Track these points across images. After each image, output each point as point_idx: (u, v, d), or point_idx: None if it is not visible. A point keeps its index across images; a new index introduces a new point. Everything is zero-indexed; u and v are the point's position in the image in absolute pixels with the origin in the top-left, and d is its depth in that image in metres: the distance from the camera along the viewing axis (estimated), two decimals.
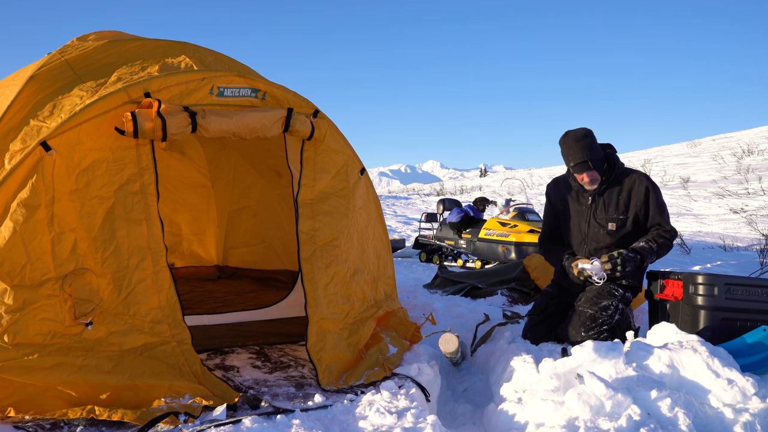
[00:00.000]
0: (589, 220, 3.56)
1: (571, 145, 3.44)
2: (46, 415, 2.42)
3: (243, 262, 5.75)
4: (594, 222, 3.55)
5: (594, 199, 3.56)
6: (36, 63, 3.21)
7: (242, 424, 2.38)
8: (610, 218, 3.50)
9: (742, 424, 2.39)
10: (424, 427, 2.41)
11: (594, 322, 3.36)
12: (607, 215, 3.51)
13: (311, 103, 3.29)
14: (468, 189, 26.85)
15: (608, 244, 3.51)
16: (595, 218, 3.54)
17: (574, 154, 3.43)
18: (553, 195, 3.81)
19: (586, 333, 3.35)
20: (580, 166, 3.44)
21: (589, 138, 3.45)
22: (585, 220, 3.59)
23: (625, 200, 3.49)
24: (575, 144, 3.43)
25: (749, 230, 9.32)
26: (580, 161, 3.41)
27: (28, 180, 2.51)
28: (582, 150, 3.41)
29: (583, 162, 3.41)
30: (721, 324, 3.16)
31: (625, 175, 3.55)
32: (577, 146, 3.42)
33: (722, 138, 30.55)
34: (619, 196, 3.51)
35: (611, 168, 3.53)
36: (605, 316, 3.37)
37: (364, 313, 3.45)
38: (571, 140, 3.45)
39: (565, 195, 3.71)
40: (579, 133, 3.47)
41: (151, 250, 2.76)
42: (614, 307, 3.40)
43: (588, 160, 3.40)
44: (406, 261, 9.78)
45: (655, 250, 3.39)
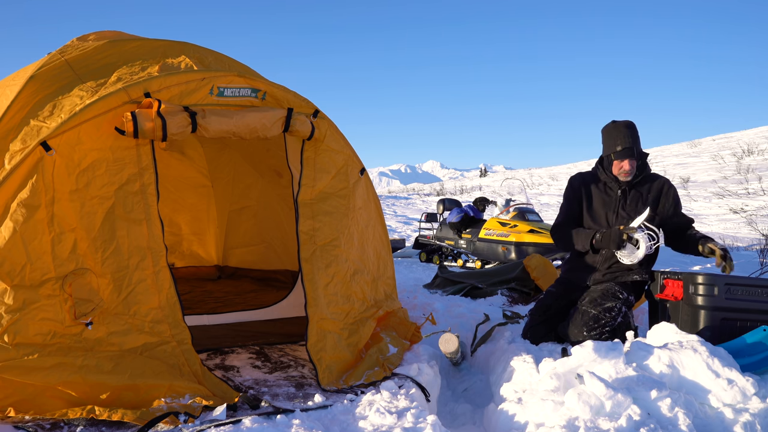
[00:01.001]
0: (618, 211, 3.58)
1: (621, 130, 3.50)
2: (46, 415, 2.41)
3: (243, 262, 5.75)
4: (623, 213, 3.57)
5: (624, 192, 3.59)
6: (36, 63, 3.21)
7: (242, 424, 2.38)
8: (639, 212, 3.51)
9: (742, 424, 2.39)
10: (424, 427, 2.41)
11: (597, 322, 3.35)
12: (635, 208, 3.55)
13: (311, 103, 3.29)
14: (468, 189, 26.85)
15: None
16: (624, 209, 3.57)
17: (624, 138, 3.48)
18: (576, 185, 3.76)
19: (588, 333, 3.34)
20: (626, 151, 3.46)
21: (636, 129, 3.53)
22: (613, 211, 3.60)
23: (654, 199, 3.56)
24: (625, 129, 3.50)
25: (749, 230, 9.32)
26: (628, 146, 3.46)
27: (28, 180, 2.50)
28: (631, 136, 3.48)
29: (629, 147, 3.45)
30: (721, 324, 3.16)
31: (654, 177, 3.65)
32: (627, 132, 3.49)
33: (722, 138, 30.55)
34: (648, 194, 3.58)
35: (644, 166, 3.60)
36: (608, 317, 3.37)
37: (364, 313, 3.45)
38: (621, 125, 3.52)
39: (591, 186, 3.72)
40: (627, 122, 3.55)
41: (151, 250, 2.76)
42: (617, 309, 3.40)
43: (634, 146, 3.46)
44: (406, 261, 9.78)
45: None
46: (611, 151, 3.52)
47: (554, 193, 20.30)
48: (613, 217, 3.60)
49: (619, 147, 3.47)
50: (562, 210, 3.83)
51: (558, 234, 3.79)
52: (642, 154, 3.56)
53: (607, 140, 3.56)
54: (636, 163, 3.51)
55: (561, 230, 3.76)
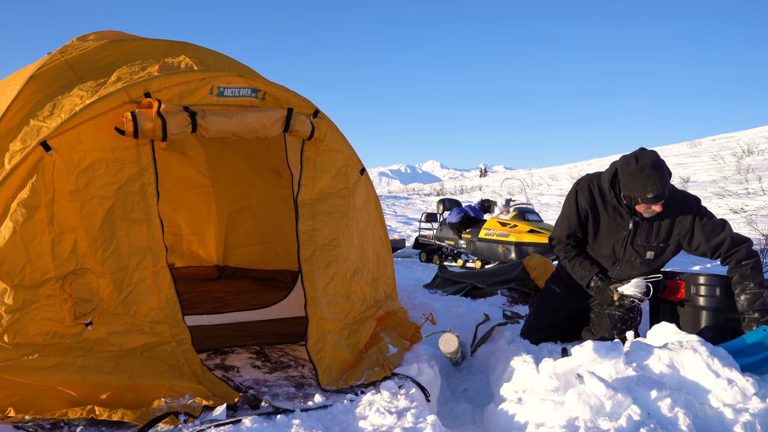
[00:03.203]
0: (626, 246, 3.30)
1: (650, 173, 3.00)
2: (46, 415, 2.41)
3: (243, 262, 5.75)
4: (631, 249, 3.29)
5: (636, 225, 3.26)
6: (36, 63, 3.21)
7: (242, 424, 2.38)
8: (650, 246, 3.27)
9: (742, 424, 2.39)
10: (424, 427, 2.41)
11: (624, 323, 3.36)
12: (647, 243, 3.27)
13: (311, 103, 3.29)
14: (468, 189, 26.85)
15: (642, 273, 3.35)
16: (632, 245, 3.29)
17: (654, 184, 3.00)
18: (583, 203, 3.37)
19: (618, 336, 3.32)
20: (658, 198, 3.03)
21: (662, 162, 3.08)
22: (621, 244, 3.31)
23: (668, 227, 3.24)
24: (654, 173, 3.00)
25: (749, 230, 9.32)
26: (660, 192, 3.01)
27: (28, 180, 2.50)
28: (661, 179, 3.01)
29: (662, 194, 3.02)
30: (722, 324, 3.16)
31: (676, 199, 3.22)
32: (657, 175, 3.01)
33: (722, 138, 30.55)
34: (662, 223, 3.23)
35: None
36: (631, 318, 3.38)
37: (364, 313, 3.45)
38: (648, 168, 3.01)
39: (599, 208, 3.35)
40: (652, 157, 3.05)
41: (151, 250, 2.76)
42: (636, 309, 3.41)
43: (665, 189, 3.03)
44: (406, 261, 9.78)
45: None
46: (639, 195, 3.05)
47: (554, 193, 20.31)
48: (621, 250, 3.31)
49: (651, 195, 3.02)
50: (564, 220, 3.48)
51: (557, 249, 3.58)
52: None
53: (633, 183, 3.06)
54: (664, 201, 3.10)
55: (562, 248, 3.54)
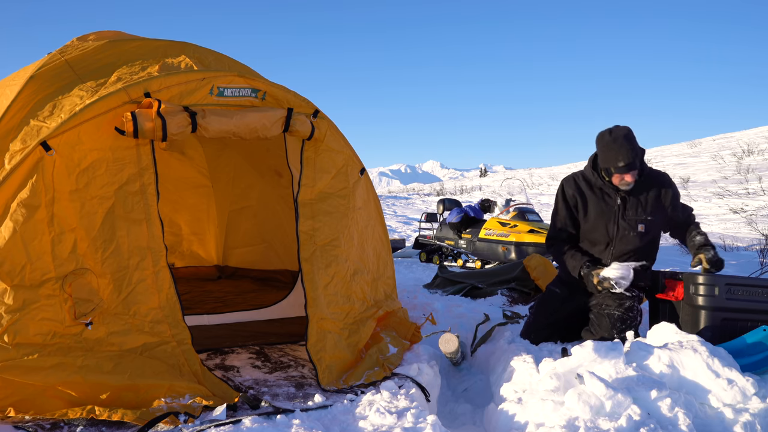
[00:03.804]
0: (618, 221, 3.42)
1: (622, 144, 3.25)
2: (46, 415, 2.41)
3: (243, 262, 5.75)
4: (623, 223, 3.41)
5: (624, 200, 3.42)
6: (36, 63, 3.21)
7: (242, 424, 2.38)
8: (639, 219, 3.39)
9: (742, 424, 2.39)
10: (424, 427, 2.41)
11: (623, 323, 3.35)
12: (636, 216, 3.40)
13: (311, 103, 3.29)
14: (468, 189, 26.85)
15: (636, 247, 3.41)
16: (624, 219, 3.41)
17: (625, 153, 3.23)
18: (570, 193, 3.57)
19: (618, 335, 3.31)
20: (629, 166, 3.25)
21: (634, 137, 3.31)
22: (613, 221, 3.43)
23: (654, 199, 3.41)
24: (626, 143, 3.25)
25: (749, 230, 9.32)
26: (630, 161, 3.24)
27: (28, 180, 2.50)
28: (632, 149, 3.24)
29: (632, 162, 3.24)
30: (721, 324, 3.16)
31: (652, 176, 3.46)
32: (628, 145, 3.24)
33: (722, 138, 30.54)
34: (648, 195, 3.41)
35: (642, 168, 3.41)
36: (630, 317, 3.36)
37: (364, 313, 3.45)
38: (621, 138, 3.26)
39: (586, 194, 3.51)
40: (624, 130, 3.30)
41: (151, 250, 2.76)
42: (636, 309, 3.40)
43: (636, 159, 3.26)
44: (406, 261, 9.78)
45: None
46: (612, 165, 3.29)
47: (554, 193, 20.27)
48: (614, 228, 3.43)
49: (622, 163, 3.24)
50: (555, 218, 3.67)
51: (552, 249, 3.71)
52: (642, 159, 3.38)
53: (606, 153, 3.31)
54: (636, 171, 3.33)
55: (555, 245, 3.67)
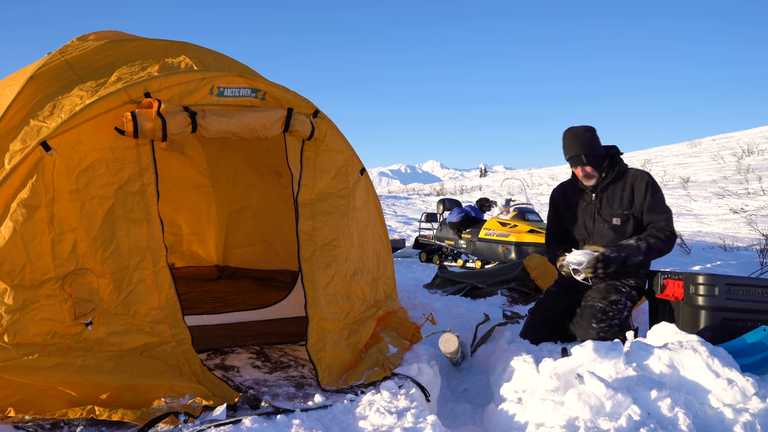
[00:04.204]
0: (594, 216, 3.60)
1: (568, 139, 3.55)
2: (46, 415, 2.41)
3: (243, 262, 5.75)
4: (599, 217, 3.58)
5: (597, 195, 3.60)
6: (36, 63, 3.21)
7: (242, 424, 2.38)
8: (614, 213, 3.53)
9: (742, 424, 2.39)
10: (424, 427, 2.41)
11: (605, 314, 3.35)
12: (611, 210, 3.55)
13: (311, 103, 3.29)
14: (468, 189, 26.84)
15: (613, 239, 3.52)
16: (599, 214, 3.58)
17: (570, 147, 3.54)
18: (558, 198, 3.86)
19: (597, 325, 3.31)
20: (574, 159, 3.54)
21: (589, 134, 3.51)
22: (590, 216, 3.63)
23: (629, 196, 3.52)
24: (571, 138, 3.53)
25: (749, 230, 9.32)
26: (574, 154, 3.51)
27: (28, 180, 2.50)
28: (577, 144, 3.50)
29: (576, 155, 3.50)
30: (721, 324, 3.16)
31: (629, 173, 3.59)
32: (573, 140, 3.52)
33: (722, 138, 30.54)
34: (623, 192, 3.54)
35: (613, 166, 3.57)
36: (615, 310, 3.37)
37: (364, 313, 3.45)
38: (570, 134, 3.55)
39: (571, 196, 3.77)
40: (579, 128, 3.55)
41: (151, 250, 2.76)
42: (623, 304, 3.40)
43: (582, 154, 3.48)
44: (406, 261, 9.77)
45: (643, 250, 3.36)
46: (565, 157, 3.60)
47: None
48: (591, 222, 3.62)
49: (567, 156, 3.56)
50: (548, 223, 3.97)
51: (547, 250, 4.03)
52: (600, 156, 3.53)
53: (563, 149, 3.61)
54: (589, 167, 3.51)
55: (548, 247, 3.95)
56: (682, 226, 10.19)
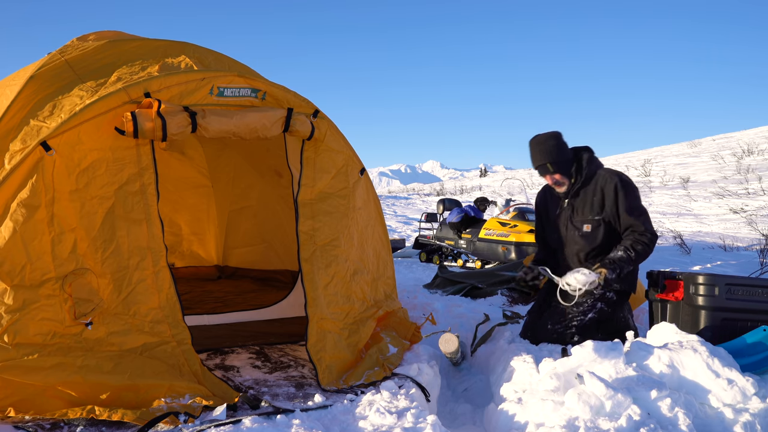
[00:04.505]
0: (567, 224, 3.56)
1: (533, 149, 3.51)
2: (46, 415, 2.42)
3: (243, 262, 5.75)
4: (571, 225, 3.54)
5: (569, 202, 3.56)
6: (36, 63, 3.21)
7: (242, 424, 2.38)
8: (585, 220, 3.47)
9: (742, 424, 2.39)
10: (424, 427, 2.41)
11: (563, 316, 3.38)
12: (582, 217, 3.48)
13: (311, 103, 3.29)
14: (468, 189, 26.84)
15: (584, 247, 3.48)
16: (571, 221, 3.54)
17: (534, 156, 3.50)
18: (539, 203, 3.87)
19: (552, 326, 3.41)
20: (540, 169, 3.51)
21: (553, 140, 3.46)
22: (564, 224, 3.58)
23: (599, 200, 3.43)
24: (535, 147, 3.49)
25: (749, 230, 9.32)
26: (540, 164, 3.48)
27: (28, 180, 2.50)
28: (541, 153, 3.46)
29: (541, 165, 3.48)
30: (721, 324, 3.16)
31: (599, 176, 3.48)
32: (537, 149, 3.48)
33: (722, 138, 30.53)
34: (593, 197, 3.46)
35: (581, 169, 3.49)
36: (576, 312, 3.37)
37: (364, 313, 3.45)
38: (533, 143, 3.51)
39: (550, 201, 3.75)
40: (542, 137, 3.50)
41: (151, 250, 2.76)
42: (589, 305, 3.38)
43: (547, 162, 3.44)
44: (406, 261, 9.77)
45: (633, 259, 3.28)
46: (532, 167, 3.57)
47: None
48: (564, 230, 3.58)
49: (534, 165, 3.53)
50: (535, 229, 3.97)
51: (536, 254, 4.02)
52: (568, 161, 3.46)
53: (530, 157, 3.57)
54: (558, 175, 3.46)
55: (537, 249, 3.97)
56: (682, 226, 10.19)
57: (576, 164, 3.51)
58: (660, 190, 15.67)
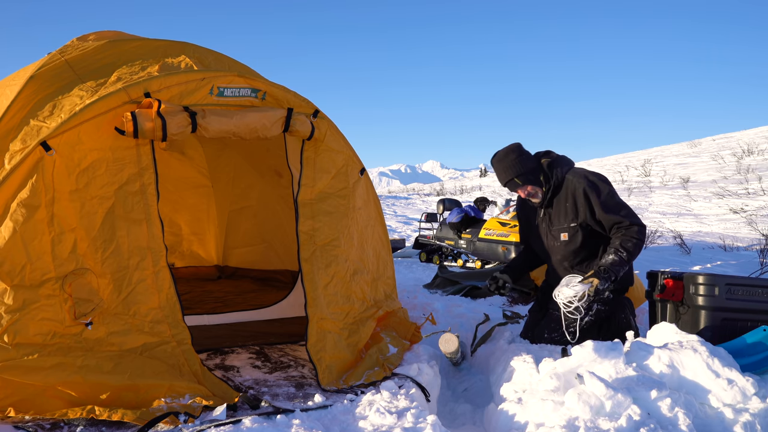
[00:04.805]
0: (547, 234, 3.54)
1: (496, 167, 3.45)
2: (46, 415, 2.42)
3: (243, 262, 5.75)
4: (550, 235, 3.51)
5: (545, 212, 3.51)
6: (36, 63, 3.21)
7: (242, 424, 2.38)
8: (561, 228, 3.43)
9: (742, 424, 2.39)
10: (424, 427, 2.41)
11: (559, 324, 3.36)
12: (559, 225, 3.44)
13: (311, 103, 3.29)
14: (468, 189, 26.84)
15: (568, 255, 3.46)
16: (550, 231, 3.51)
17: (499, 175, 3.43)
18: (519, 212, 3.82)
19: (549, 335, 3.41)
20: (509, 185, 3.42)
21: (514, 154, 3.38)
22: (544, 234, 3.56)
23: (572, 207, 3.38)
24: (498, 165, 3.43)
25: (749, 230, 9.31)
26: (507, 180, 3.40)
27: (28, 180, 2.51)
28: (505, 170, 3.38)
29: (509, 181, 3.39)
30: (721, 324, 3.16)
31: (566, 180, 3.41)
32: (500, 167, 3.41)
33: (722, 138, 30.52)
34: (566, 204, 3.40)
35: (548, 177, 3.41)
36: (571, 318, 3.33)
37: (364, 313, 3.46)
38: (495, 162, 3.45)
39: (528, 211, 3.69)
40: (501, 153, 3.43)
41: (151, 250, 2.76)
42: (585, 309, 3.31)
43: (513, 177, 3.37)
44: (406, 261, 9.77)
45: (626, 259, 3.19)
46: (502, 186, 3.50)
47: None
48: (545, 240, 3.54)
49: (502, 183, 3.44)
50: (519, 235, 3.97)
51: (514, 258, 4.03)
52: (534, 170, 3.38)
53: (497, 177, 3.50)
54: (529, 187, 3.40)
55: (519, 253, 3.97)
56: (682, 226, 10.19)
57: (542, 173, 3.43)
58: (660, 190, 15.67)
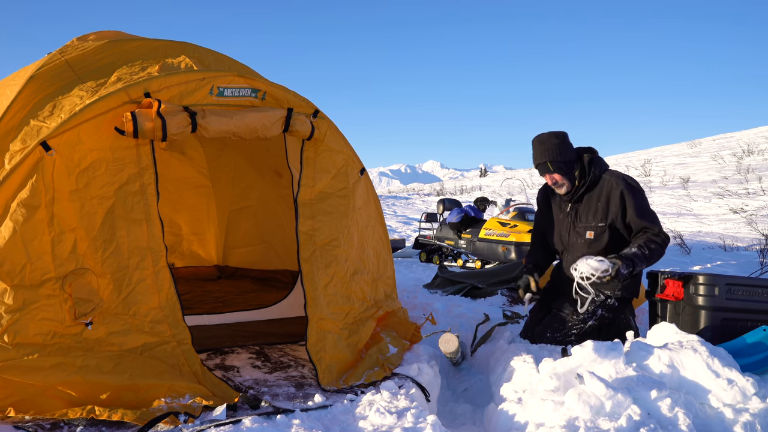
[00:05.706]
0: (569, 229, 3.49)
1: (535, 146, 3.43)
2: (46, 415, 2.42)
3: (243, 262, 5.75)
4: (573, 231, 3.47)
5: (573, 206, 3.48)
6: (36, 63, 3.21)
7: (242, 424, 2.38)
8: (588, 226, 3.39)
9: (742, 424, 2.39)
10: (424, 427, 2.41)
11: (562, 324, 3.36)
12: (585, 223, 3.40)
13: (311, 103, 3.29)
14: (468, 189, 26.84)
15: (587, 254, 3.36)
16: (574, 227, 3.46)
17: (535, 154, 3.42)
18: (542, 200, 3.77)
19: (551, 335, 3.39)
20: (540, 167, 3.42)
21: (557, 139, 3.36)
22: (566, 229, 3.51)
23: (604, 206, 3.35)
24: (538, 145, 3.41)
25: (749, 230, 9.31)
26: (540, 162, 3.39)
27: (28, 180, 2.51)
28: (542, 152, 3.37)
29: (542, 163, 3.38)
30: (721, 324, 3.16)
31: (604, 179, 3.39)
32: (540, 147, 3.39)
33: (722, 138, 30.52)
34: (598, 202, 3.37)
35: (585, 172, 3.39)
36: (575, 320, 3.35)
37: (364, 313, 3.45)
38: (536, 141, 3.43)
39: (552, 202, 3.67)
40: (545, 135, 3.41)
41: (151, 250, 2.76)
42: (589, 313, 3.36)
43: (548, 161, 3.35)
44: (406, 261, 9.77)
45: (647, 256, 3.19)
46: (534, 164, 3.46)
47: None
48: (566, 235, 3.50)
49: (534, 164, 3.43)
50: (534, 223, 3.87)
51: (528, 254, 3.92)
52: (569, 162, 3.35)
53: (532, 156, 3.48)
54: (557, 175, 3.37)
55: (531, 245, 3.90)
56: (682, 226, 10.19)
57: (579, 167, 3.41)
58: (660, 190, 15.67)
